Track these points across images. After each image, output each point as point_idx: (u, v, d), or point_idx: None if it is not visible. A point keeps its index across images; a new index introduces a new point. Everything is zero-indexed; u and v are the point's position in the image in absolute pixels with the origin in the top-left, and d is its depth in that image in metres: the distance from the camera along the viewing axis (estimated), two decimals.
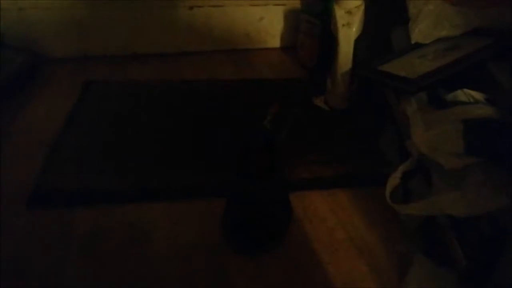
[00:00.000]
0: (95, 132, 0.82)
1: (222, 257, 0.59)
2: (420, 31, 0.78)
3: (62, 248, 0.60)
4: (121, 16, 1.10)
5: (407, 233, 0.62)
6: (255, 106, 0.95)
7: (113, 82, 1.01)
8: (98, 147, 0.78)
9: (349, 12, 0.83)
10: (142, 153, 0.77)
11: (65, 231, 0.62)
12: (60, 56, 1.09)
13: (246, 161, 0.65)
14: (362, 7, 0.84)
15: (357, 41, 0.86)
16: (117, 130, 0.83)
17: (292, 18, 1.22)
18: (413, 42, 0.78)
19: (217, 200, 0.66)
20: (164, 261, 0.58)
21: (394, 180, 0.63)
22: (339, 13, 0.83)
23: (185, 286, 0.55)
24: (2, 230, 0.62)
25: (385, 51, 0.86)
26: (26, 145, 0.79)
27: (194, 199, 0.68)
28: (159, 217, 0.65)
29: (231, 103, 0.96)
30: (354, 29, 0.84)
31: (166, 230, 0.63)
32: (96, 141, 0.79)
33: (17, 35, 1.04)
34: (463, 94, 0.59)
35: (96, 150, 0.77)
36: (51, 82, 1.00)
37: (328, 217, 0.66)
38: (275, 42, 1.26)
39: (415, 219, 0.61)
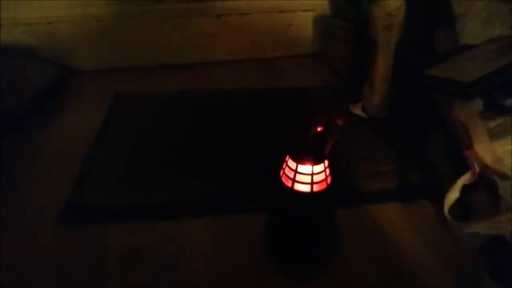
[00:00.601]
0: (127, 144, 0.80)
1: (264, 276, 0.55)
2: (469, 32, 0.72)
3: (98, 265, 0.57)
4: (148, 27, 1.09)
5: (469, 252, 0.56)
6: (289, 115, 0.91)
7: (142, 93, 0.99)
8: (131, 160, 0.75)
9: (389, 14, 0.78)
10: (177, 166, 0.74)
11: (101, 248, 0.59)
12: (89, 68, 1.08)
13: None
14: (403, 8, 0.79)
15: (398, 45, 0.81)
16: (149, 142, 0.81)
17: (321, 24, 1.18)
18: (461, 43, 0.73)
19: (258, 214, 0.62)
20: (202, 280, 0.55)
21: (452, 194, 0.58)
22: (379, 15, 0.79)
23: None
24: (37, 246, 0.60)
25: (429, 54, 0.81)
26: (58, 158, 0.77)
27: (234, 214, 0.64)
28: (196, 233, 0.62)
29: (264, 112, 0.93)
30: (395, 32, 0.79)
31: (204, 247, 0.60)
32: (129, 154, 0.77)
33: (48, 49, 1.04)
34: None
35: (128, 164, 0.74)
36: (81, 94, 0.99)
37: (379, 234, 0.61)
38: (304, 49, 1.22)
39: (479, 237, 0.56)
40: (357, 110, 0.91)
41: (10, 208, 0.66)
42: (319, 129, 0.52)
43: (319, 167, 0.50)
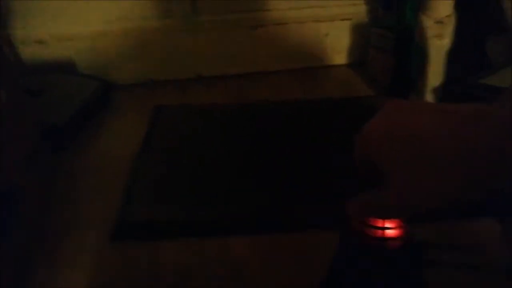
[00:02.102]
0: (171, 158, 0.79)
1: None
2: None
3: (152, 285, 0.56)
4: (184, 40, 1.09)
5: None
6: (329, 127, 0.89)
7: (180, 106, 0.99)
8: (177, 174, 0.74)
9: (439, 22, 0.75)
10: (222, 181, 0.73)
11: (153, 267, 0.58)
12: (128, 82, 1.09)
13: None
14: (454, 16, 0.76)
15: (449, 54, 0.78)
16: (193, 156, 0.80)
17: (359, 33, 1.16)
18: None
19: (315, 232, 0.60)
20: None
21: None
22: (428, 24, 0.76)
23: None
24: (88, 265, 0.59)
25: (482, 63, 0.77)
26: (104, 174, 0.77)
27: (290, 232, 0.62)
28: (251, 251, 0.60)
29: (303, 124, 0.91)
30: (446, 40, 0.76)
31: (259, 267, 0.58)
32: (174, 169, 0.76)
33: (88, 64, 1.06)
34: None
35: (175, 178, 0.74)
36: (121, 108, 1.00)
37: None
38: (342, 59, 1.20)
39: None
40: None
41: (57, 226, 0.66)
42: None
43: None
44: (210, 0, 1.07)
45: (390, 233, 0.35)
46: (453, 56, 0.79)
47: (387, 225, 0.34)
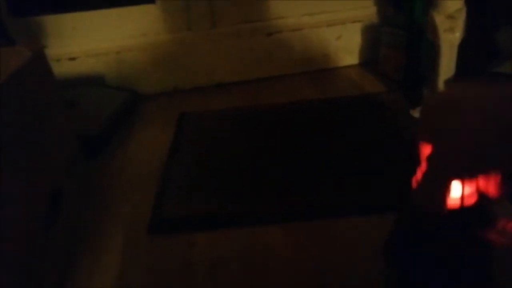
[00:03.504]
0: (197, 159, 0.84)
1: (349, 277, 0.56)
2: None
3: (187, 275, 0.60)
4: (204, 50, 1.15)
5: None
6: (348, 123, 0.92)
7: (204, 112, 1.04)
8: (205, 173, 0.79)
9: (450, 17, 0.79)
10: (249, 177, 0.77)
11: (187, 258, 0.63)
12: (153, 92, 1.15)
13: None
14: (464, 10, 0.79)
15: (461, 46, 0.81)
16: (218, 156, 0.85)
17: (369, 33, 1.20)
18: None
19: (337, 221, 0.64)
20: (287, 285, 0.56)
21: None
22: (439, 19, 0.79)
23: None
24: (127, 259, 0.64)
25: (493, 54, 0.80)
26: (136, 176, 0.83)
27: (312, 221, 0.66)
28: (277, 241, 0.63)
29: (322, 121, 0.94)
30: (457, 34, 0.79)
31: (285, 256, 0.61)
32: (201, 168, 0.81)
33: (116, 76, 1.13)
34: None
35: (203, 177, 0.78)
36: (149, 116, 1.06)
37: None
38: (354, 59, 1.24)
39: None
40: (418, 114, 0.90)
41: (97, 224, 0.72)
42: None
43: None
44: (227, 12, 1.14)
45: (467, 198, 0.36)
46: (465, 47, 0.82)
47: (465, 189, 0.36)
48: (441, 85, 0.84)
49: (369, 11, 1.19)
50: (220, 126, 0.98)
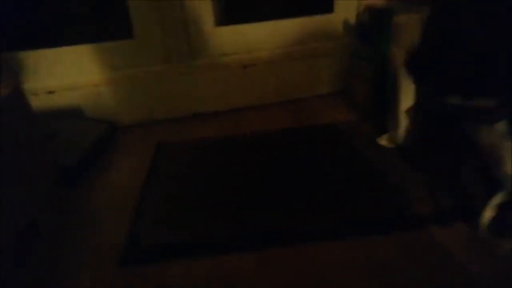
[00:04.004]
0: (173, 187, 0.86)
1: None
2: None
3: None
4: (182, 82, 1.19)
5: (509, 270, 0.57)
6: (320, 150, 0.96)
7: (181, 141, 1.07)
8: (179, 201, 0.81)
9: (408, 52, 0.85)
10: (222, 204, 0.79)
11: (161, 286, 0.64)
12: (131, 123, 1.18)
13: None
14: None
15: None
16: (193, 184, 0.87)
17: (339, 65, 1.27)
18: None
19: (308, 246, 0.67)
20: None
21: (488, 213, 0.60)
22: (398, 53, 0.86)
23: None
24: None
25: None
26: (112, 205, 0.84)
27: (285, 247, 0.68)
28: (250, 268, 0.65)
29: (295, 149, 0.98)
30: None
31: (259, 283, 0.63)
32: (177, 197, 0.83)
33: (94, 108, 1.15)
34: None
35: (178, 205, 0.80)
36: (126, 146, 1.08)
37: (434, 255, 0.63)
38: (326, 89, 1.30)
39: None
40: (383, 142, 0.95)
41: (72, 253, 0.72)
42: None
43: None
44: (204, 46, 1.19)
45: None
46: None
47: None
48: (402, 115, 0.89)
49: (339, 44, 1.26)
50: (196, 155, 1.00)
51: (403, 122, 0.90)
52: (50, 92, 1.12)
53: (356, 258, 0.64)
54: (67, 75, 1.13)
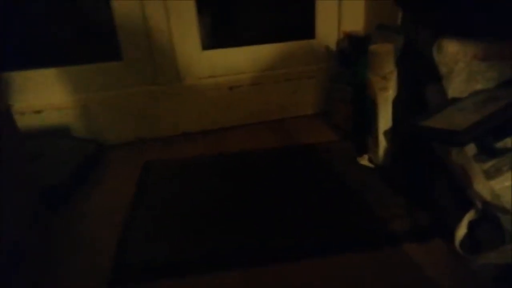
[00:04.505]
0: (161, 207, 0.88)
1: None
2: (454, 88, 0.84)
3: None
4: (169, 102, 1.22)
5: (483, 285, 0.61)
6: (302, 169, 1.00)
7: (168, 160, 1.09)
8: (167, 221, 0.83)
9: (384, 78, 0.91)
10: (212, 222, 0.81)
11: None
12: (119, 142, 1.19)
13: None
14: (395, 72, 0.92)
15: (394, 102, 0.92)
16: (181, 203, 0.88)
17: (322, 88, 1.33)
18: (449, 97, 0.84)
19: (296, 264, 0.69)
20: None
21: (461, 230, 0.65)
22: (375, 79, 0.91)
23: None
24: None
25: (422, 107, 0.92)
26: (99, 225, 0.84)
27: (274, 265, 0.70)
28: (242, 285, 0.67)
29: (279, 168, 1.02)
30: (390, 92, 0.91)
31: None
32: (164, 216, 0.84)
33: (82, 127, 1.16)
34: None
35: (166, 225, 0.82)
36: (114, 166, 1.09)
37: (406, 274, 0.66)
38: (308, 110, 1.35)
39: (491, 268, 0.61)
40: (364, 161, 1.00)
41: (58, 277, 0.72)
42: None
43: None
44: (190, 68, 1.23)
45: None
46: (399, 103, 0.94)
47: None
48: (381, 136, 0.94)
49: (321, 68, 1.32)
50: (184, 173, 1.02)
51: (382, 143, 0.95)
52: (37, 112, 1.13)
53: (334, 276, 0.67)
54: (54, 95, 1.14)
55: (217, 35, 1.28)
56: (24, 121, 1.10)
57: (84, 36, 1.19)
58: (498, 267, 0.59)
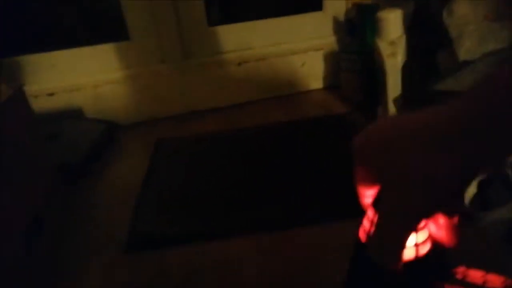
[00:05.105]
0: (173, 181, 0.90)
1: (311, 283, 0.61)
2: (466, 50, 0.82)
3: (162, 285, 0.65)
4: (179, 80, 1.23)
5: (492, 244, 0.61)
6: (312, 143, 1.00)
7: (179, 138, 1.11)
8: (179, 193, 0.85)
9: (392, 43, 0.89)
10: (222, 194, 0.83)
11: (162, 271, 0.67)
12: (131, 122, 1.21)
13: None
14: (404, 37, 0.90)
15: (404, 68, 0.91)
16: (192, 177, 0.90)
17: (331, 60, 1.31)
18: (460, 60, 0.82)
19: (296, 230, 0.70)
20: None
21: (471, 190, 0.64)
22: (383, 45, 0.90)
23: None
24: (106, 278, 0.68)
25: (434, 73, 0.90)
26: (114, 199, 0.88)
27: (273, 232, 0.72)
28: (245, 250, 0.69)
29: (289, 142, 1.02)
30: (399, 58, 0.89)
31: (255, 261, 0.67)
32: (176, 189, 0.87)
33: (94, 109, 1.19)
34: None
35: (178, 197, 0.84)
36: (127, 145, 1.12)
37: None
38: (318, 84, 1.34)
39: (500, 228, 0.61)
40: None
41: (76, 244, 0.76)
42: None
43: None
44: (198, 45, 1.23)
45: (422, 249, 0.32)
46: (408, 69, 0.92)
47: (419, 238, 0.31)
48: (390, 104, 0.93)
49: (329, 40, 1.30)
50: (195, 150, 1.04)
51: (392, 111, 0.94)
52: (50, 94, 1.16)
53: (348, 237, 0.68)
54: (66, 77, 1.17)
55: (223, 10, 1.28)
56: (38, 104, 1.13)
57: (91, 17, 1.20)
58: (506, 226, 0.59)
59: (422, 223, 0.31)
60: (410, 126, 0.28)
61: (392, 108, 0.93)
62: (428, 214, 0.29)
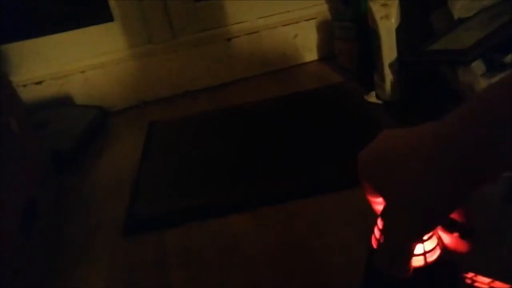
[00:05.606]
0: (167, 162, 0.89)
1: (311, 254, 0.60)
2: (460, 7, 0.78)
3: (161, 267, 0.64)
4: (167, 61, 1.20)
5: (492, 205, 0.59)
6: (311, 114, 0.98)
7: (173, 119, 1.09)
8: (174, 173, 0.84)
9: (384, 5, 0.85)
10: (214, 173, 0.81)
11: (160, 251, 0.67)
12: (122, 106, 1.19)
13: None
14: None
15: (398, 31, 0.87)
16: (187, 157, 0.89)
17: (324, 29, 1.26)
18: (456, 18, 0.78)
19: (295, 203, 0.69)
20: (254, 265, 0.60)
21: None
22: (375, 8, 0.86)
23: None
24: (104, 260, 0.67)
25: (429, 35, 0.86)
26: (109, 183, 0.87)
27: (271, 206, 0.71)
28: (243, 225, 0.68)
29: (286, 116, 1.00)
30: (393, 20, 0.86)
31: (252, 236, 0.66)
32: (171, 169, 0.85)
33: (84, 95, 1.16)
34: None
35: (173, 177, 0.83)
36: (119, 130, 1.10)
37: None
38: (313, 55, 1.30)
39: (501, 189, 0.59)
40: (372, 99, 0.97)
41: (73, 230, 0.75)
42: None
43: None
44: (185, 22, 1.19)
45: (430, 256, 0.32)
46: (404, 31, 0.88)
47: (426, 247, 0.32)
48: (386, 70, 0.90)
49: (321, 8, 1.25)
50: (188, 130, 1.02)
51: (388, 77, 0.91)
52: (38, 83, 1.13)
53: (348, 207, 0.66)
54: (52, 64, 1.14)
55: None
56: (27, 93, 1.11)
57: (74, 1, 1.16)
58: (508, 186, 0.57)
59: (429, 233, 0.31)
60: (406, 146, 0.29)
61: (388, 73, 0.90)
62: (422, 232, 0.30)
